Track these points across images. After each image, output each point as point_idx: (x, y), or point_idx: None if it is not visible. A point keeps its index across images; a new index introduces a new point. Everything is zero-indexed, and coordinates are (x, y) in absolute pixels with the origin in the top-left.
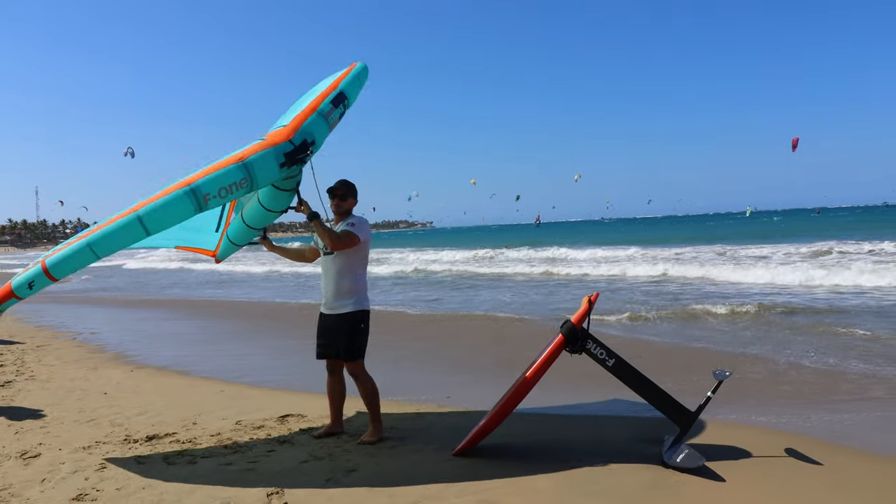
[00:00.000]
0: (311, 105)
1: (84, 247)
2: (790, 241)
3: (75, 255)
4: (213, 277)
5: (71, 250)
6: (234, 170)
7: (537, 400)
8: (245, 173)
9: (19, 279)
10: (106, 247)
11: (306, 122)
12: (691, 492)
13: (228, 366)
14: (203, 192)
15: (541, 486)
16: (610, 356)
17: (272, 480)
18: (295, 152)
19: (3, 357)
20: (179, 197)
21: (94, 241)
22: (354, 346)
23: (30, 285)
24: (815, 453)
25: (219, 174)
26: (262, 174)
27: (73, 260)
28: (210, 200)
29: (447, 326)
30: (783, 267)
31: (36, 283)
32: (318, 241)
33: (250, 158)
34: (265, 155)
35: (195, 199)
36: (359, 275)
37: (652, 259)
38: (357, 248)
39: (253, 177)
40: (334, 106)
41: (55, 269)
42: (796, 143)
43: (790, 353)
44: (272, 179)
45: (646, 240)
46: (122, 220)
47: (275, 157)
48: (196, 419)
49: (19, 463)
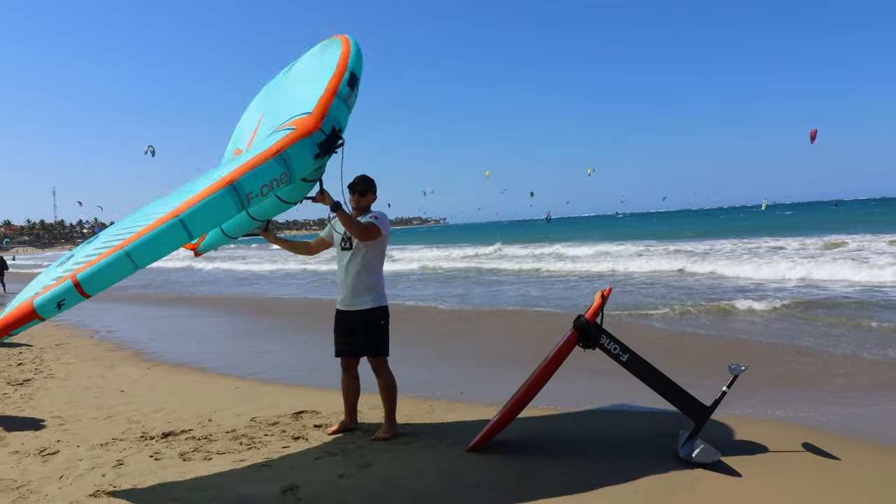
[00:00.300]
0: (330, 90)
1: (122, 256)
2: (812, 235)
3: (112, 267)
4: (236, 276)
5: (106, 262)
6: (273, 164)
7: (551, 395)
8: (284, 167)
9: (45, 297)
10: (147, 255)
11: (331, 108)
12: (707, 487)
13: (244, 363)
14: (246, 190)
15: (555, 482)
16: (624, 351)
17: (287, 476)
18: (328, 141)
19: (22, 356)
20: (221, 196)
21: (133, 250)
22: (379, 342)
23: (59, 304)
24: (832, 447)
25: (259, 170)
26: (299, 166)
27: (110, 272)
28: (253, 199)
29: (478, 322)
30: (810, 261)
31: (66, 301)
32: (332, 235)
33: (287, 151)
34: (301, 146)
35: (238, 198)
36: (377, 271)
37: (674, 254)
38: (377, 243)
39: (291, 170)
40: (351, 89)
41: (89, 283)
42: (815, 134)
43: (840, 347)
44: (307, 172)
45: (662, 234)
46: (164, 226)
47: (310, 147)
48: (211, 416)
49: (38, 460)
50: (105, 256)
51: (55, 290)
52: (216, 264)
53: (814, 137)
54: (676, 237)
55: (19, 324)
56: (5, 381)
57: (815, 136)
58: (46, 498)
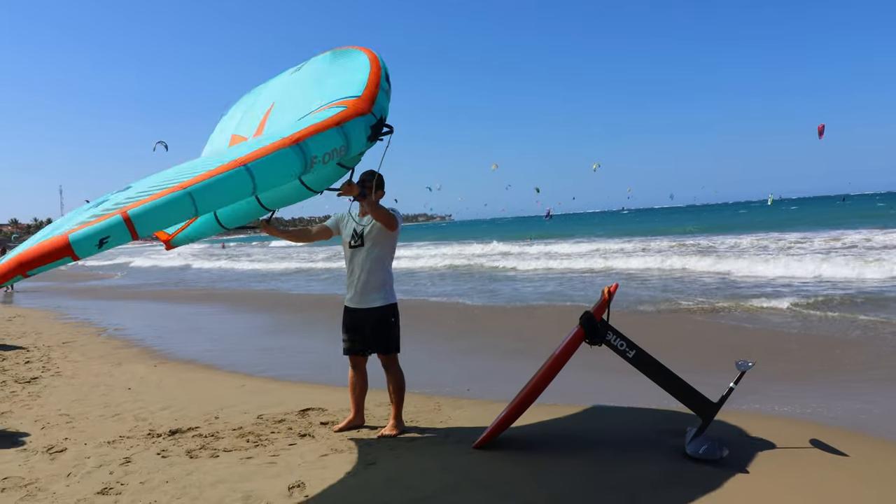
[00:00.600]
0: (373, 80)
1: (184, 196)
2: (820, 230)
3: (171, 205)
4: (253, 274)
5: (166, 199)
6: (335, 134)
7: (557, 392)
8: (344, 140)
9: (84, 232)
10: (209, 199)
11: (378, 96)
12: (714, 483)
13: (250, 360)
14: (312, 152)
15: (561, 479)
16: (630, 347)
17: (293, 473)
18: (378, 126)
19: (29, 353)
20: (288, 153)
21: (196, 192)
22: (391, 339)
23: (101, 241)
24: (840, 444)
25: (323, 136)
26: (354, 144)
27: (168, 211)
28: (315, 164)
29: (483, 318)
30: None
31: (111, 238)
32: (338, 227)
33: (347, 125)
34: (358, 123)
35: (303, 158)
36: (387, 268)
37: (679, 250)
38: (388, 240)
39: (349, 145)
40: (388, 85)
41: (142, 220)
42: (822, 129)
43: (849, 343)
44: (358, 151)
45: (667, 230)
46: (230, 172)
47: (364, 127)
48: (218, 413)
49: (46, 457)
50: (162, 195)
51: (98, 225)
52: (220, 263)
53: (821, 132)
54: (682, 233)
55: (47, 259)
56: (13, 380)
57: (822, 130)
58: (54, 496)
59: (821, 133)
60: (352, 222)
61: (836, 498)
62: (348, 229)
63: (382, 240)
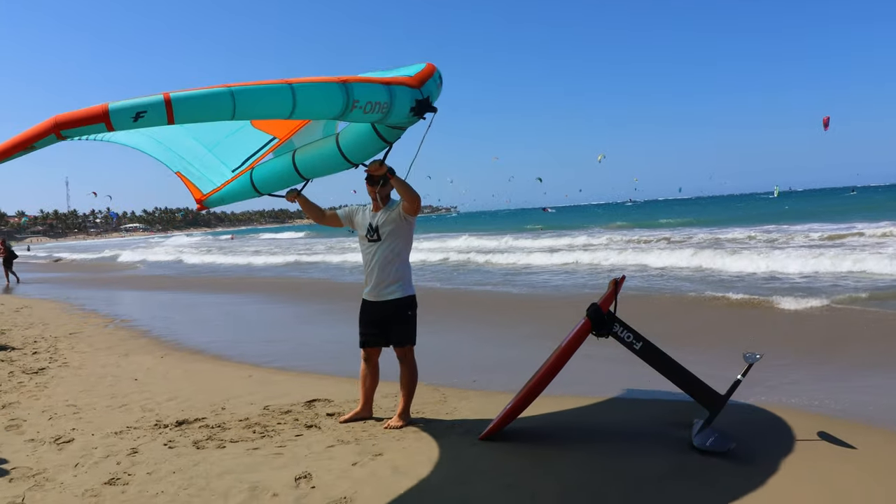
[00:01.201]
0: (428, 69)
1: (226, 93)
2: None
3: (211, 98)
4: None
5: (208, 92)
6: (382, 89)
7: (563, 383)
8: (389, 98)
9: (124, 102)
10: (249, 103)
11: (429, 81)
12: (721, 476)
13: (256, 351)
14: (355, 96)
15: (567, 471)
16: (637, 339)
17: (300, 464)
18: (423, 103)
19: (37, 344)
20: (333, 87)
21: (238, 92)
22: (408, 332)
23: (138, 114)
24: (848, 436)
25: (371, 85)
26: (398, 108)
27: (208, 102)
28: (355, 109)
29: (489, 309)
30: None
31: (148, 115)
32: (352, 221)
33: (395, 87)
34: (405, 91)
35: (346, 97)
36: (405, 260)
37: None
38: (406, 233)
39: (392, 106)
40: (440, 81)
41: (181, 105)
42: (827, 121)
43: (859, 336)
44: (398, 120)
45: (672, 224)
46: (273, 85)
47: (410, 98)
48: (224, 404)
49: (53, 448)
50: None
51: (139, 99)
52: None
53: (826, 124)
54: (689, 225)
55: (82, 122)
56: (20, 370)
57: (827, 122)
58: (62, 486)
59: (826, 125)
60: (366, 216)
61: (844, 490)
62: (363, 223)
63: (398, 232)
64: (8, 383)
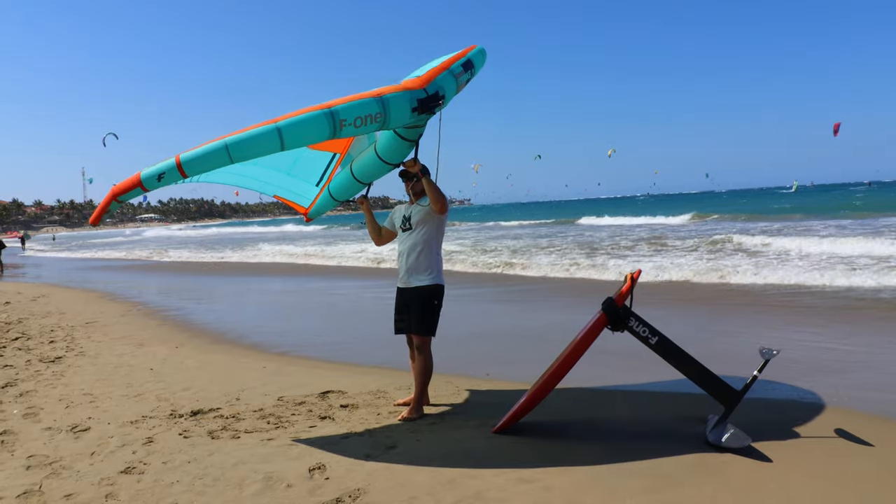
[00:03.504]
0: (443, 64)
1: (221, 148)
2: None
3: (211, 155)
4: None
5: (207, 149)
6: (371, 102)
7: (578, 377)
8: (381, 108)
9: (149, 170)
10: (242, 151)
11: (439, 76)
12: (736, 472)
13: (271, 342)
14: (340, 116)
15: (581, 465)
16: (653, 334)
17: (313, 456)
18: (427, 100)
19: (53, 333)
20: (318, 117)
21: (231, 144)
22: (428, 321)
23: (159, 177)
24: (865, 432)
25: (357, 103)
26: (395, 113)
27: (208, 159)
28: (345, 127)
29: (502, 302)
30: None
31: (166, 177)
32: (394, 219)
33: (387, 95)
34: (401, 95)
35: (332, 122)
36: (436, 250)
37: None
38: (437, 223)
39: (387, 113)
40: (464, 70)
41: (189, 165)
42: (837, 127)
43: (879, 333)
44: (403, 122)
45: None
46: (261, 129)
47: (409, 99)
48: (239, 395)
49: (70, 436)
50: (206, 144)
51: (159, 165)
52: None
53: (836, 131)
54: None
55: (127, 190)
56: (38, 359)
57: (837, 129)
58: (78, 474)
59: (836, 131)
60: (402, 209)
61: (862, 486)
62: (398, 216)
63: (430, 223)
64: (25, 371)
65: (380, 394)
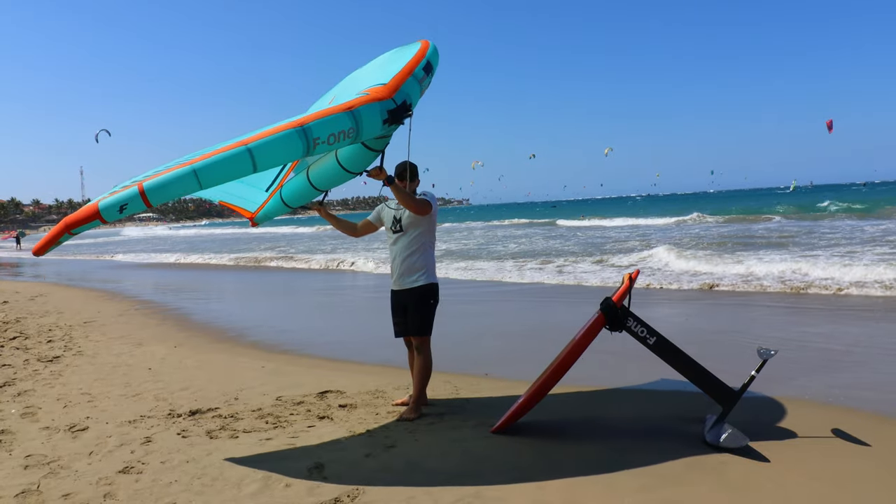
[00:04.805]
0: (406, 69)
1: (189, 173)
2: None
3: (178, 182)
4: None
5: (174, 175)
6: (343, 117)
7: (576, 377)
8: (353, 123)
9: (109, 200)
10: (212, 176)
11: (404, 83)
12: (734, 472)
13: (269, 341)
14: (314, 135)
15: (579, 465)
16: (651, 334)
17: (312, 455)
18: (397, 111)
19: (52, 333)
20: (290, 136)
21: (200, 169)
22: (424, 321)
23: (121, 208)
24: (863, 432)
25: (329, 119)
26: (367, 126)
27: (176, 186)
28: (319, 145)
29: (501, 301)
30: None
31: (129, 207)
32: (380, 218)
33: (359, 109)
34: (372, 108)
35: (306, 141)
36: (428, 251)
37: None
38: (427, 224)
39: (359, 127)
40: (426, 74)
41: (154, 193)
42: (830, 124)
43: (876, 333)
44: (374, 134)
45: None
46: (232, 152)
47: (380, 111)
48: (237, 395)
49: (68, 436)
50: (172, 171)
51: (120, 195)
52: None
53: (830, 127)
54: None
55: (82, 222)
56: (36, 358)
57: (831, 125)
58: (76, 473)
59: (830, 128)
60: (390, 210)
61: (860, 486)
62: (388, 217)
63: (420, 224)
64: (23, 371)
65: (378, 394)
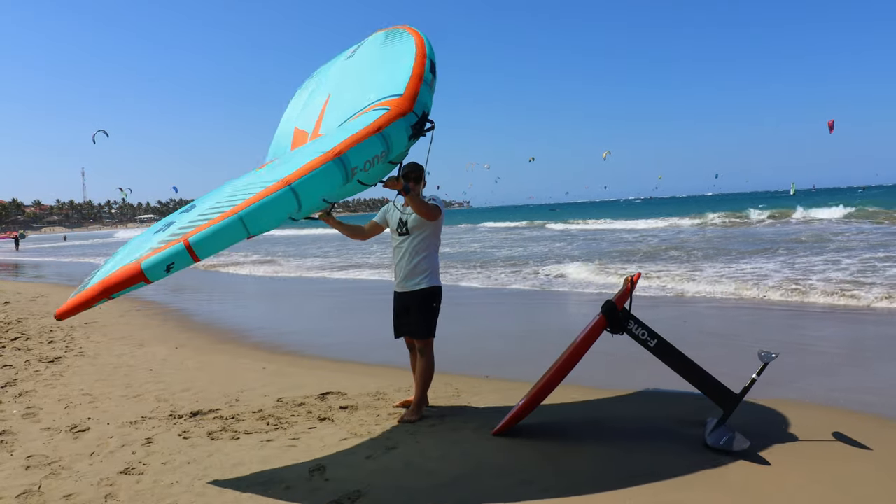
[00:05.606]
0: (416, 75)
1: (236, 221)
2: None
3: (226, 231)
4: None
5: (220, 226)
6: (376, 140)
7: (578, 379)
8: (385, 146)
9: (153, 259)
10: (259, 221)
11: (419, 91)
12: (734, 475)
13: (270, 343)
14: (352, 164)
15: (580, 468)
16: (652, 337)
17: (313, 457)
18: (419, 124)
19: (53, 333)
20: (330, 168)
21: (246, 216)
22: (427, 324)
23: (168, 267)
24: (864, 435)
25: (363, 145)
26: (395, 146)
27: (223, 236)
28: (357, 173)
29: (501, 303)
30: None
31: (176, 264)
32: (386, 220)
33: (387, 129)
34: (398, 126)
35: (344, 170)
36: (433, 254)
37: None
38: (434, 228)
39: (390, 148)
40: (433, 75)
41: (201, 247)
42: (832, 124)
43: (878, 338)
44: (400, 151)
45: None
46: (276, 194)
47: (405, 128)
48: (238, 396)
49: (69, 437)
50: (217, 221)
51: (164, 252)
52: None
53: (832, 127)
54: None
55: (125, 285)
56: (37, 359)
57: (832, 126)
58: (77, 474)
59: (831, 128)
60: (396, 212)
61: (861, 489)
62: (394, 218)
63: (426, 227)
64: (24, 371)
65: (379, 395)
